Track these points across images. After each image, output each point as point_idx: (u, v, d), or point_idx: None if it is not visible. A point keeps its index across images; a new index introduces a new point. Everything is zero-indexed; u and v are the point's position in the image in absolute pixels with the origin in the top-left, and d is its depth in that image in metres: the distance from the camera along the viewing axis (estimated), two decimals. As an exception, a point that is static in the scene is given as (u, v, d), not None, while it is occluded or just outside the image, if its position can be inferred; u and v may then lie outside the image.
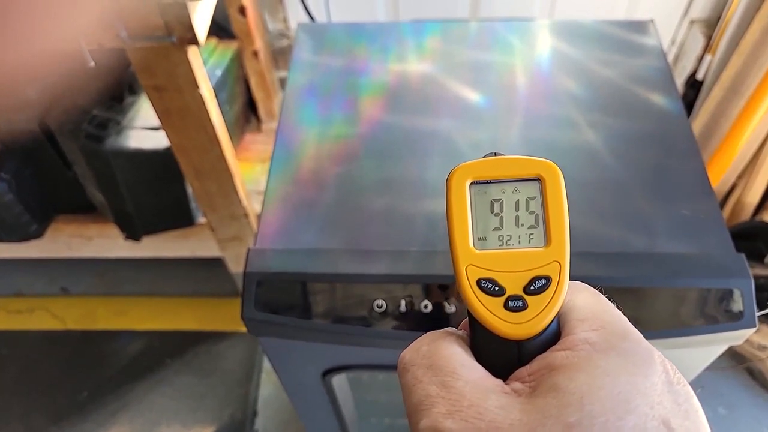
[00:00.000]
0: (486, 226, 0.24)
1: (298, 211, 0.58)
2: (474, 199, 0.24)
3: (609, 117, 0.64)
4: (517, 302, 0.23)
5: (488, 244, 0.24)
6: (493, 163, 0.25)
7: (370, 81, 0.68)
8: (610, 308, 0.24)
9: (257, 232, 0.56)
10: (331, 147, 0.63)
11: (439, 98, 0.66)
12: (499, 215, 0.24)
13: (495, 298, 0.23)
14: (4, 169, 1.13)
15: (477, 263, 0.23)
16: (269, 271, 0.53)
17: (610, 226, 0.55)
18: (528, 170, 0.24)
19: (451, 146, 0.62)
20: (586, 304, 0.23)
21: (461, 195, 0.24)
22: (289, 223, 0.57)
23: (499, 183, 0.24)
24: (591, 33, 0.73)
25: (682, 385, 0.22)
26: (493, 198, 0.24)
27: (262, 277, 0.53)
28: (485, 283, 0.23)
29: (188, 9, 0.74)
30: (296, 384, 0.65)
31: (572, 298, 0.24)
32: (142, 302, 1.53)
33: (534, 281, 0.23)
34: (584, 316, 0.23)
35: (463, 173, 0.24)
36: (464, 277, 0.23)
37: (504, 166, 0.24)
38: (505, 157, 0.25)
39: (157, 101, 0.91)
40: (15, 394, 1.37)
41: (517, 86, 0.68)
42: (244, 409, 1.35)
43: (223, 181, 1.08)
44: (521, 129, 0.63)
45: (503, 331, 0.22)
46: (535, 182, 0.24)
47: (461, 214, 0.24)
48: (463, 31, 0.74)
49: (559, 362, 0.21)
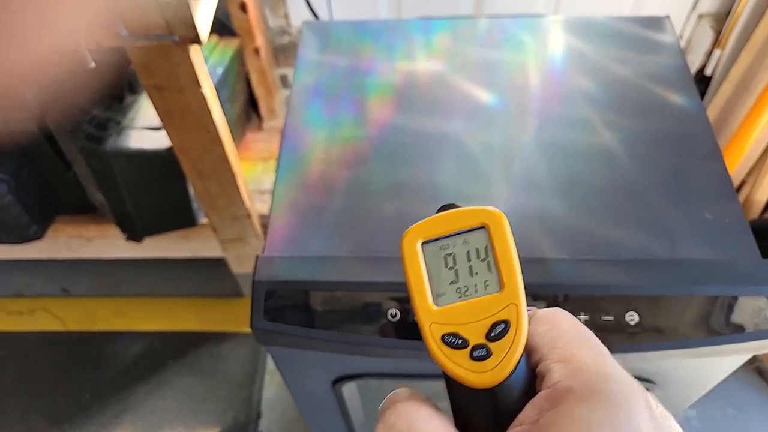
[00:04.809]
0: (443, 282, 0.25)
1: (306, 217, 0.56)
2: (428, 257, 0.26)
3: (626, 117, 0.62)
4: (481, 351, 0.24)
5: (447, 299, 0.25)
6: (439, 220, 0.26)
7: (378, 81, 0.66)
8: (591, 343, 0.24)
9: (265, 239, 0.54)
10: (339, 150, 0.61)
11: (449, 98, 0.65)
12: (453, 268, 0.25)
13: (460, 350, 0.24)
14: (2, 170, 1.11)
15: (438, 320, 0.24)
16: (278, 280, 0.51)
17: (630, 231, 0.53)
18: (472, 221, 0.25)
19: (463, 149, 0.60)
20: (565, 341, 0.24)
21: (414, 257, 0.26)
22: (298, 229, 0.55)
23: (448, 238, 0.26)
24: (605, 30, 0.71)
25: (665, 419, 0.22)
26: (446, 253, 0.26)
27: (271, 286, 0.51)
28: (449, 338, 0.24)
29: (190, 7, 0.72)
30: (305, 392, 0.63)
31: (551, 327, 0.24)
32: (142, 303, 1.52)
33: (494, 327, 0.24)
34: (563, 356, 0.23)
35: (413, 236, 0.26)
36: (429, 336, 0.24)
37: (450, 221, 0.26)
38: (450, 212, 0.26)
39: (158, 101, 0.89)
40: (14, 395, 1.35)
41: (530, 85, 0.66)
42: (247, 411, 1.34)
43: (225, 182, 1.06)
44: (535, 130, 0.61)
45: (473, 382, 0.23)
46: (481, 230, 0.25)
47: (417, 275, 0.25)
48: (472, 28, 0.72)
49: (545, 422, 0.21)
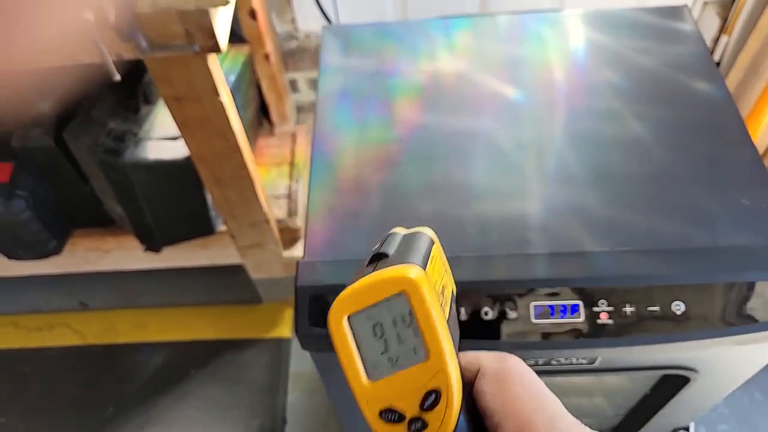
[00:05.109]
0: (374, 352, 0.25)
1: (343, 220, 0.56)
2: (356, 330, 0.25)
3: (653, 107, 0.62)
4: (417, 424, 0.23)
5: (381, 371, 0.24)
6: (359, 291, 0.25)
7: (403, 82, 0.66)
8: (542, 404, 0.23)
9: (305, 245, 0.54)
10: (371, 152, 0.61)
11: (476, 96, 0.65)
12: (383, 337, 0.24)
13: (398, 425, 0.24)
14: (20, 186, 1.11)
15: (373, 397, 0.24)
16: (321, 284, 0.51)
17: (669, 220, 0.53)
18: (390, 289, 0.24)
19: (495, 146, 0.60)
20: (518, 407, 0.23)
21: (342, 333, 0.25)
22: (336, 233, 0.55)
23: (373, 307, 0.25)
24: (624, 21, 0.72)
25: None
26: (373, 323, 0.25)
27: (315, 291, 0.51)
28: (386, 414, 0.24)
29: (210, 16, 0.72)
30: (346, 397, 0.64)
31: (500, 389, 0.24)
32: (161, 313, 1.52)
33: (426, 397, 0.23)
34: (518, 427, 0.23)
35: (338, 312, 0.25)
36: (367, 413, 0.24)
37: (372, 290, 0.25)
38: (371, 280, 0.25)
39: (177, 111, 0.89)
40: (39, 412, 1.36)
41: (555, 80, 0.66)
42: (273, 417, 1.34)
43: (244, 189, 1.07)
44: (564, 124, 0.61)
45: None
46: (401, 296, 0.24)
47: (347, 352, 0.25)
48: (492, 25, 0.72)
49: None
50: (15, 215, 1.11)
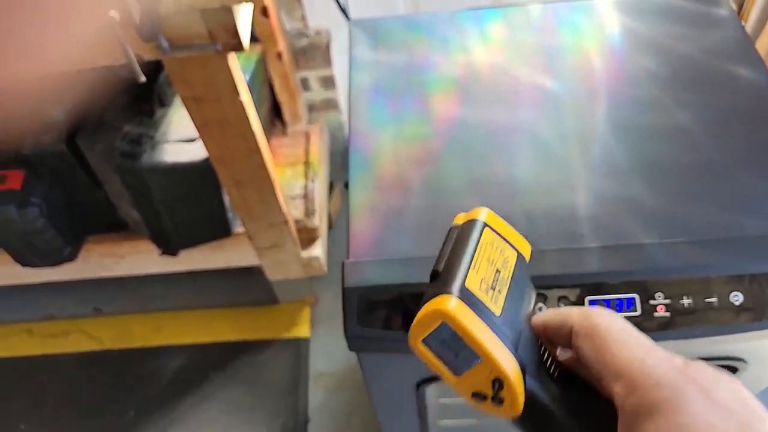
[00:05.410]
0: (450, 358, 0.30)
1: (387, 219, 0.55)
2: (432, 346, 0.30)
3: (696, 94, 0.61)
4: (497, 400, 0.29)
5: (460, 369, 0.30)
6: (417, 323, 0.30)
7: (438, 75, 0.65)
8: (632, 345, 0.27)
9: (348, 245, 0.53)
10: (409, 148, 0.59)
11: (513, 88, 0.63)
12: (450, 348, 0.30)
13: (485, 401, 0.30)
14: (34, 194, 1.09)
15: (462, 387, 0.31)
16: (369, 285, 0.50)
17: (721, 209, 0.52)
18: (435, 321, 0.29)
19: (536, 138, 0.59)
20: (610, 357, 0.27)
21: (423, 352, 0.31)
22: (380, 232, 0.54)
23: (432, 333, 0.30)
24: (659, 7, 0.70)
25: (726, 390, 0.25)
26: (439, 340, 0.30)
27: (362, 292, 0.50)
28: (475, 396, 0.30)
29: (234, 14, 0.70)
30: (388, 396, 0.63)
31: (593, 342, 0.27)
32: (177, 316, 1.51)
33: (494, 384, 0.29)
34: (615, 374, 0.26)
35: (413, 338, 0.30)
36: (464, 397, 0.31)
37: (423, 323, 0.30)
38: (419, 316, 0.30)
39: (196, 112, 0.88)
40: (61, 420, 1.34)
41: (594, 69, 0.65)
42: (295, 417, 1.33)
43: (263, 189, 1.05)
44: (607, 115, 0.60)
45: (505, 416, 0.30)
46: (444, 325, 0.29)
47: (433, 363, 0.31)
48: (524, 15, 0.70)
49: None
50: (29, 223, 1.09)
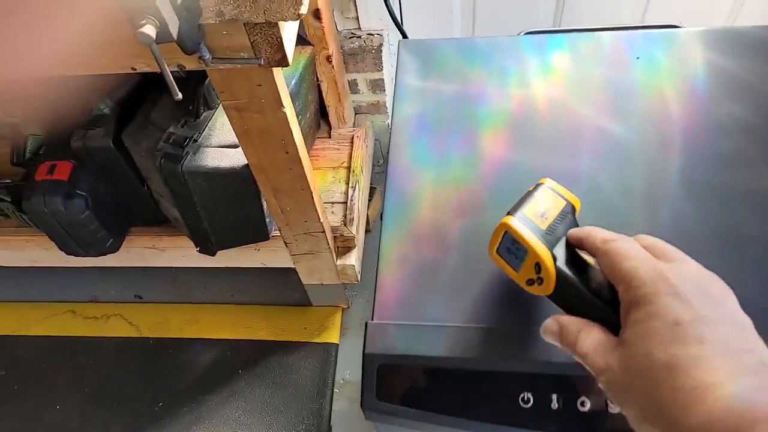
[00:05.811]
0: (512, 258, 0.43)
1: (418, 276, 0.50)
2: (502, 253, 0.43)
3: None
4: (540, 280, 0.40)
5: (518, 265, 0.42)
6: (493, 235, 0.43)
7: (490, 110, 0.59)
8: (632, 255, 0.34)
9: (374, 302, 0.48)
10: (451, 193, 0.54)
11: (575, 130, 0.56)
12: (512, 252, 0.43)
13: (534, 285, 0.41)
14: (80, 187, 1.11)
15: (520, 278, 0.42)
16: (393, 354, 0.46)
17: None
18: (501, 231, 0.42)
19: (598, 192, 0.52)
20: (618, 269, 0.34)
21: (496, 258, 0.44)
22: (410, 290, 0.49)
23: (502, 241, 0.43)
24: (753, 41, 0.61)
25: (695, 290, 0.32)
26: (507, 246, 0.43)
27: (384, 360, 0.45)
28: (528, 281, 0.42)
29: (279, 28, 0.66)
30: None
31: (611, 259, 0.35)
32: (213, 310, 1.52)
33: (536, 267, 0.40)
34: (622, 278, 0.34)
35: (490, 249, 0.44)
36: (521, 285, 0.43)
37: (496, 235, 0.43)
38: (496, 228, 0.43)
39: (238, 121, 0.85)
40: (96, 403, 1.38)
41: (670, 113, 0.56)
42: (318, 424, 1.31)
43: (301, 199, 1.02)
44: (681, 169, 0.52)
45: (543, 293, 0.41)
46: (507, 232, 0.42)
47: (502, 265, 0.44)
48: (594, 44, 0.63)
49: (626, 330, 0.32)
50: (75, 215, 1.11)
